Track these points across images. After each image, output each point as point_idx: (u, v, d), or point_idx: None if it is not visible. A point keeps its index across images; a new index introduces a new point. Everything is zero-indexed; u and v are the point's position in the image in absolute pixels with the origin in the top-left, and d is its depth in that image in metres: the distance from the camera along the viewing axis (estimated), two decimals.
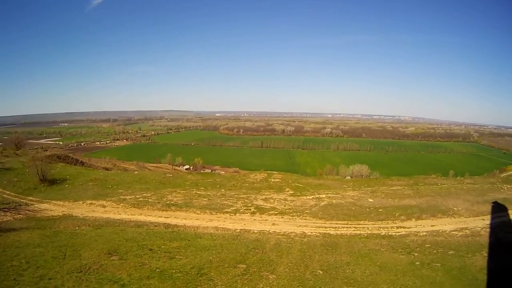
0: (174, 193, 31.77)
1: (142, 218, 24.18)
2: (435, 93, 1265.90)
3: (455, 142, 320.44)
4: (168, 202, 28.38)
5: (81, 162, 54.75)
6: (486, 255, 17.00)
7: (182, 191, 32.42)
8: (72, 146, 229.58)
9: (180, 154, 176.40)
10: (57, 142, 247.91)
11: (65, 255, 13.89)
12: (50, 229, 18.86)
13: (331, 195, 31.75)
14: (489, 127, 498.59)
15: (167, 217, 24.43)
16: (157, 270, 13.27)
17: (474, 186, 34.98)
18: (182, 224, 22.58)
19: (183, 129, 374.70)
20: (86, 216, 23.85)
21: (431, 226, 23.25)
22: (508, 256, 16.57)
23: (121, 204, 27.67)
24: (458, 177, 54.50)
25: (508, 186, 35.16)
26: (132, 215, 24.91)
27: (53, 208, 26.58)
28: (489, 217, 24.68)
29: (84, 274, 12.32)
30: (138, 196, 30.24)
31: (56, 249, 14.66)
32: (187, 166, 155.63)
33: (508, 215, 25.21)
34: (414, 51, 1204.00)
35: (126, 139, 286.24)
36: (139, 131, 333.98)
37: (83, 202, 28.13)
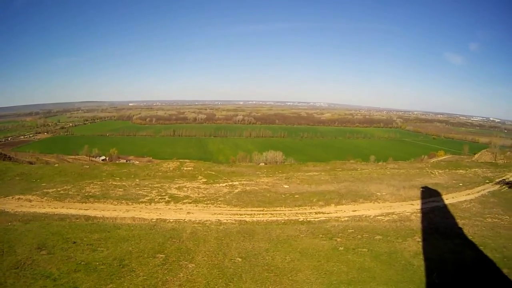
0: (91, 184, 30.33)
1: (64, 211, 23.25)
2: (351, 78, 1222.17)
3: (376, 128, 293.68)
4: (86, 194, 27.30)
5: (9, 157, 50.21)
6: (419, 240, 16.34)
7: (99, 182, 30.93)
8: (1, 141, 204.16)
9: (96, 145, 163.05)
10: None
11: (3, 252, 13.87)
12: None
13: (245, 182, 30.56)
14: (415, 113, 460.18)
15: (86, 209, 23.71)
16: (82, 263, 13.13)
17: (399, 171, 33.44)
18: (101, 216, 21.83)
19: (98, 120, 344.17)
20: (16, 212, 22.69)
21: (353, 211, 22.25)
22: (447, 242, 16.08)
23: (45, 198, 26.40)
24: (380, 162, 52.42)
25: (440, 171, 34.29)
26: (55, 208, 23.95)
27: None
28: (419, 202, 23.75)
29: (21, 270, 12.27)
30: (59, 189, 28.55)
31: None
32: (103, 157, 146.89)
33: (442, 200, 24.34)
34: (331, 36, 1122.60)
35: (47, 132, 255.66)
36: (58, 123, 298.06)
37: (12, 198, 26.17)
